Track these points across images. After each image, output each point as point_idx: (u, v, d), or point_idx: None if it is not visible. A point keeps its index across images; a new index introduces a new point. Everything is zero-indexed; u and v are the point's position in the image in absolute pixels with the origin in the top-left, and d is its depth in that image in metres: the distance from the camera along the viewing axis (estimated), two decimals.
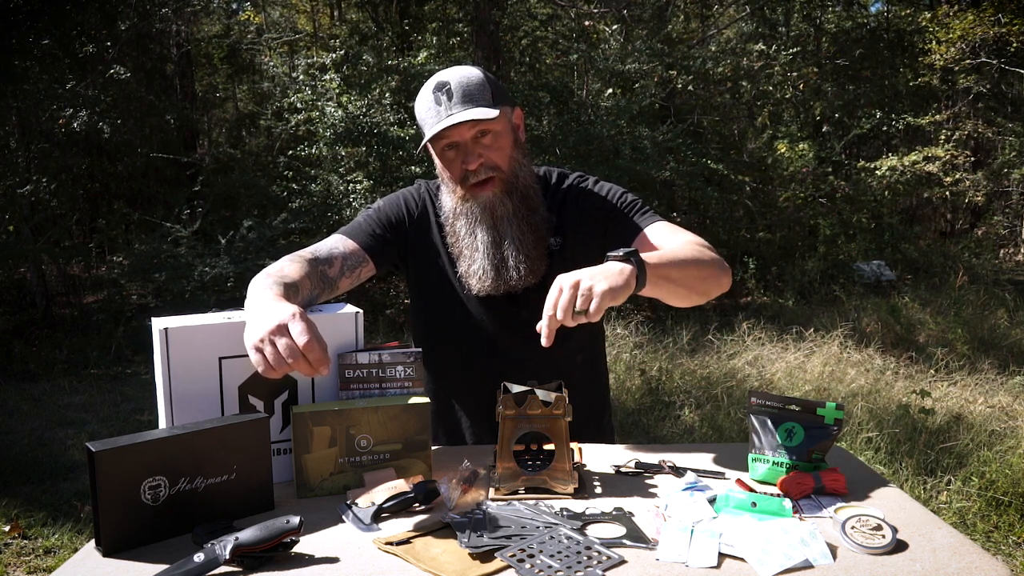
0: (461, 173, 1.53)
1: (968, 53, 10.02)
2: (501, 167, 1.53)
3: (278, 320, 1.13)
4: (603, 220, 1.60)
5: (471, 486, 1.20)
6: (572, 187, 1.65)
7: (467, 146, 1.51)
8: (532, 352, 1.56)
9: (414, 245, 1.64)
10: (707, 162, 8.38)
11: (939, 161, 9.92)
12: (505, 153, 1.54)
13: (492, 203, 1.53)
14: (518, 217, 1.54)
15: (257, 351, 1.12)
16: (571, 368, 1.61)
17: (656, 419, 4.70)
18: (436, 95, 1.50)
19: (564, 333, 1.58)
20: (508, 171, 1.54)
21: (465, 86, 1.49)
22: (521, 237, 1.54)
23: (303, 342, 1.10)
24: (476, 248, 1.55)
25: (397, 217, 1.64)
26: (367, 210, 1.67)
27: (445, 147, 1.53)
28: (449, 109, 1.48)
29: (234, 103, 13.43)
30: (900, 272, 9.22)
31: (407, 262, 1.66)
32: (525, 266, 1.53)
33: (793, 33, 11.07)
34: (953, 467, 3.70)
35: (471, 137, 1.50)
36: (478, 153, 1.51)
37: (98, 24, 8.01)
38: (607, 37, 10.17)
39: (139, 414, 5.25)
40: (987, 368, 5.29)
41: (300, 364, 1.11)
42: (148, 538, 1.10)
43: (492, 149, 1.52)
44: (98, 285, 8.91)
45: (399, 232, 1.63)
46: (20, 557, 3.22)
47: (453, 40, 9.09)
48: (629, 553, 1.05)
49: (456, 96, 1.48)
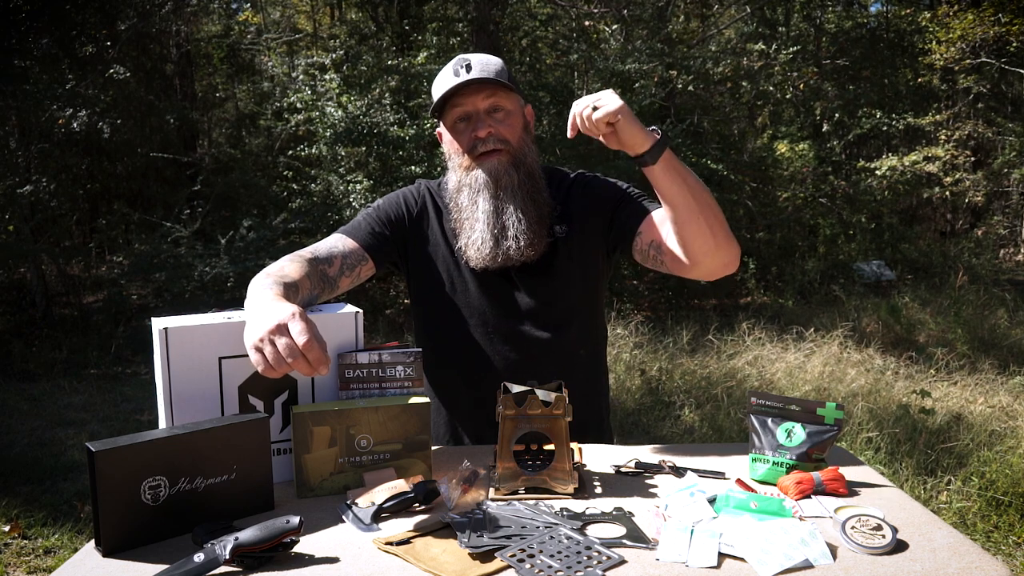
0: (471, 142, 1.54)
1: (968, 53, 10.02)
2: (511, 141, 1.55)
3: (278, 320, 1.13)
4: (609, 210, 1.61)
5: (471, 486, 1.20)
6: (577, 179, 1.67)
7: (479, 116, 1.54)
8: (535, 339, 1.58)
9: (414, 241, 1.64)
10: (707, 162, 8.38)
11: (939, 161, 9.92)
12: (516, 131, 1.56)
13: (498, 171, 1.54)
14: (523, 190, 1.55)
15: (257, 351, 1.12)
16: (574, 361, 1.62)
17: (656, 419, 4.70)
18: (456, 68, 1.53)
19: (566, 319, 1.58)
20: (516, 147, 1.56)
21: (485, 64, 1.54)
22: (524, 208, 1.54)
23: (302, 341, 1.10)
24: (477, 218, 1.55)
25: (397, 215, 1.64)
26: (367, 209, 1.67)
27: (457, 119, 1.56)
28: (467, 77, 1.51)
29: (234, 103, 13.42)
30: (900, 272, 9.22)
31: (407, 259, 1.66)
32: (526, 237, 1.53)
33: (793, 33, 11.07)
34: (953, 467, 3.70)
35: (484, 108, 1.53)
36: (489, 124, 1.53)
37: (98, 24, 8.01)
38: (607, 37, 10.18)
39: (139, 414, 5.25)
40: (987, 368, 5.29)
41: (299, 364, 1.11)
42: (148, 538, 1.10)
43: (503, 124, 1.55)
44: (98, 285, 8.92)
45: (399, 229, 1.63)
46: (20, 557, 3.22)
47: (453, 40, 9.08)
48: (629, 553, 1.05)
49: (475, 69, 1.52)
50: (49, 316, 8.05)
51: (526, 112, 1.62)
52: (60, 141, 8.26)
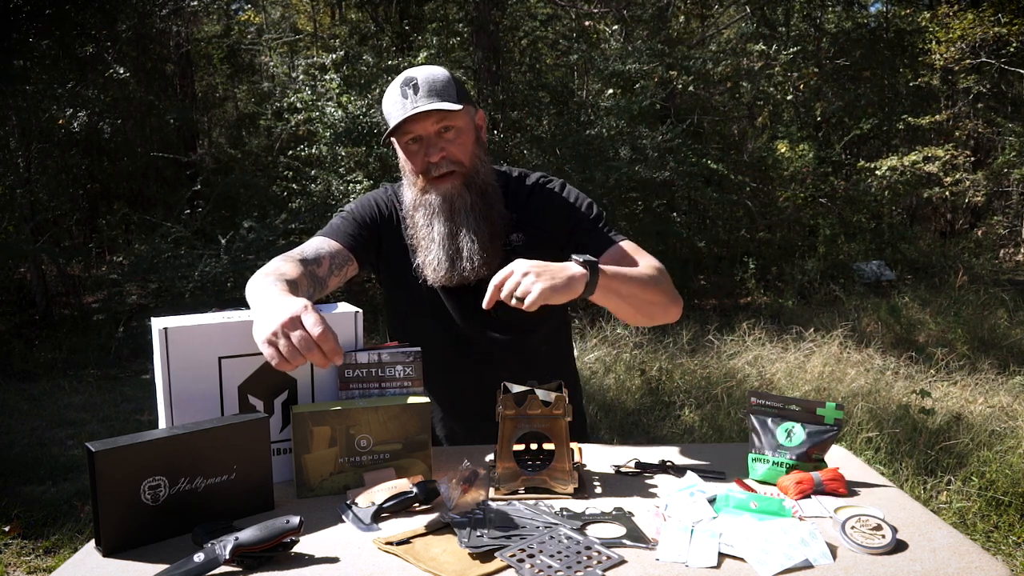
0: (423, 165, 1.56)
1: (968, 53, 10.01)
2: (463, 162, 1.57)
3: (290, 313, 1.16)
4: (568, 226, 1.64)
5: (471, 486, 1.20)
6: (536, 186, 1.69)
7: (430, 139, 1.55)
8: (496, 340, 1.65)
9: (386, 243, 1.68)
10: (707, 162, 8.38)
11: (939, 161, 9.92)
12: (467, 149, 1.58)
13: (451, 195, 1.57)
14: (475, 211, 1.58)
15: (270, 344, 1.15)
16: (537, 355, 1.67)
17: (656, 419, 4.70)
18: (403, 89, 1.54)
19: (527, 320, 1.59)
20: (469, 166, 1.58)
21: (431, 82, 1.53)
22: (477, 229, 1.57)
23: (317, 333, 1.14)
24: (432, 239, 1.58)
25: (371, 217, 1.68)
26: (340, 212, 1.70)
27: (409, 140, 1.57)
28: (415, 102, 1.52)
29: (234, 103, 13.43)
30: (900, 272, 9.22)
31: (381, 260, 1.70)
32: (479, 257, 1.56)
33: (793, 33, 11.06)
34: (953, 467, 3.70)
35: (435, 131, 1.54)
36: (440, 146, 1.55)
37: (98, 24, 8.01)
38: (607, 37, 10.17)
39: (139, 414, 5.24)
40: (987, 368, 5.29)
41: (315, 355, 1.15)
42: (148, 538, 1.10)
43: (454, 144, 1.56)
44: (98, 285, 8.91)
45: (374, 232, 1.67)
46: (20, 557, 3.22)
47: (453, 40, 9.08)
48: (629, 553, 1.05)
49: (422, 90, 1.52)
50: (49, 316, 8.05)
51: (477, 120, 1.62)
52: (60, 141, 8.26)
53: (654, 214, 8.30)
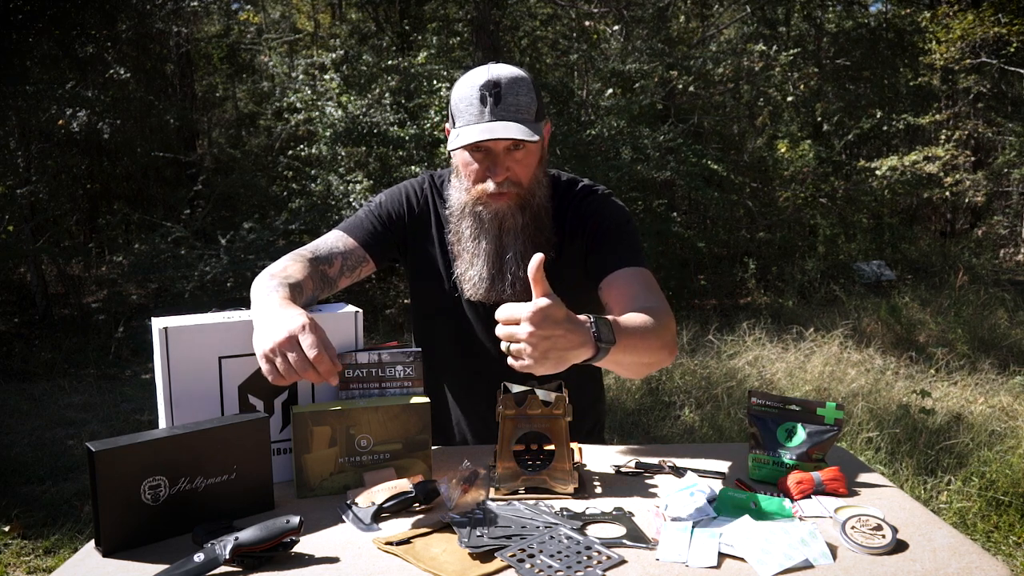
0: (483, 178, 1.49)
1: (968, 53, 10.01)
2: (523, 183, 1.50)
3: (288, 331, 1.16)
4: (594, 238, 1.57)
5: (471, 486, 1.20)
6: (582, 194, 1.62)
7: (498, 156, 1.47)
8: None
9: (413, 240, 1.64)
10: (707, 162, 8.37)
11: (939, 161, 9.91)
12: (531, 170, 1.51)
13: (503, 214, 1.51)
14: (525, 233, 1.52)
15: (268, 360, 1.16)
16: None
17: (656, 419, 4.70)
18: (482, 93, 1.44)
19: None
20: (528, 188, 1.51)
21: (514, 94, 1.45)
22: (524, 252, 1.50)
23: (313, 355, 1.15)
24: (478, 255, 1.53)
25: (398, 212, 1.63)
26: (369, 204, 1.66)
27: (474, 148, 1.48)
28: (493, 115, 1.43)
29: (234, 103, 13.42)
30: (900, 272, 9.22)
31: (406, 256, 1.67)
32: (521, 282, 1.50)
33: (793, 33, 11.07)
34: (953, 467, 3.70)
35: (504, 147, 1.46)
36: (507, 166, 1.47)
37: (98, 24, 8.00)
38: (607, 37, 10.17)
39: (139, 414, 5.24)
40: (987, 368, 5.29)
41: (310, 375, 1.16)
42: (148, 538, 1.10)
43: (521, 164, 1.48)
44: (98, 285, 8.92)
45: (399, 227, 1.63)
46: (20, 557, 3.22)
47: (453, 40, 9.08)
48: (629, 553, 1.05)
49: (504, 103, 1.43)
50: (49, 316, 8.05)
51: (545, 132, 1.54)
52: (60, 141, 8.25)
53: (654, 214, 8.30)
